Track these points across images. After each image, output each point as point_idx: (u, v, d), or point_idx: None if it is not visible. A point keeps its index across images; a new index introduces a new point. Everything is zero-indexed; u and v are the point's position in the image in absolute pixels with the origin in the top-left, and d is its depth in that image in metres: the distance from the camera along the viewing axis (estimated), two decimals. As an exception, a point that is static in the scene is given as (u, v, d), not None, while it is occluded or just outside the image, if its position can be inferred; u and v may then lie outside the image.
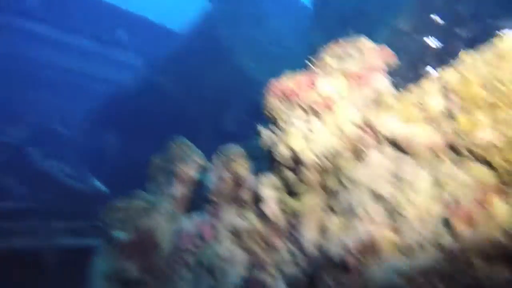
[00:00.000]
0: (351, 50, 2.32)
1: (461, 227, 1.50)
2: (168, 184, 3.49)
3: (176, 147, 3.71)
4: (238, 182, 2.69)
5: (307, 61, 2.35)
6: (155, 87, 11.41)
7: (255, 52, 11.95)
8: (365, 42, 2.32)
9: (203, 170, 3.38)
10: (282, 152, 2.23)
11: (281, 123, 2.25)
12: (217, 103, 10.85)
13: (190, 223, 2.98)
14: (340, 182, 2.02)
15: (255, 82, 11.54)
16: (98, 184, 9.03)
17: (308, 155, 2.13)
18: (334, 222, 1.97)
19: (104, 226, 3.40)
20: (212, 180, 2.88)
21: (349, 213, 1.90)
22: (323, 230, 2.02)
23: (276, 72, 2.39)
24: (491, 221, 1.43)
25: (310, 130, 2.13)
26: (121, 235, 3.28)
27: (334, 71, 2.22)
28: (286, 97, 2.23)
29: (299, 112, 2.19)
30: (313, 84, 2.20)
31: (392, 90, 2.11)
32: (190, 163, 3.47)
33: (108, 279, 3.31)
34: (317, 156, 2.11)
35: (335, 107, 2.12)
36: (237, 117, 10.48)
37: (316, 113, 2.14)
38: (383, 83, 2.16)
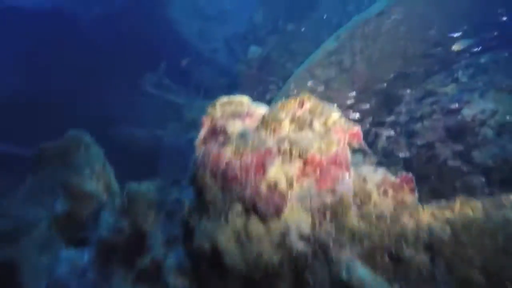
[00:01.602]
0: (314, 117, 1.86)
1: None
2: (52, 194, 2.80)
3: (72, 145, 2.99)
4: (138, 240, 2.15)
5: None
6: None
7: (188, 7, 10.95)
8: (332, 113, 1.88)
9: (103, 192, 2.74)
10: (203, 244, 1.74)
11: (212, 212, 1.73)
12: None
13: (67, 266, 2.37)
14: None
15: (182, 39, 10.59)
16: None
17: (234, 262, 1.66)
18: None
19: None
20: (108, 221, 2.29)
21: None
22: None
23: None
24: None
25: (247, 235, 1.65)
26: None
27: (291, 146, 1.73)
28: (227, 182, 1.71)
29: (239, 207, 1.69)
30: (263, 168, 1.70)
31: (356, 200, 1.71)
32: (86, 175, 2.80)
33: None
34: (246, 265, 1.66)
35: (285, 211, 1.66)
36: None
37: (259, 214, 1.66)
38: (346, 187, 1.73)
